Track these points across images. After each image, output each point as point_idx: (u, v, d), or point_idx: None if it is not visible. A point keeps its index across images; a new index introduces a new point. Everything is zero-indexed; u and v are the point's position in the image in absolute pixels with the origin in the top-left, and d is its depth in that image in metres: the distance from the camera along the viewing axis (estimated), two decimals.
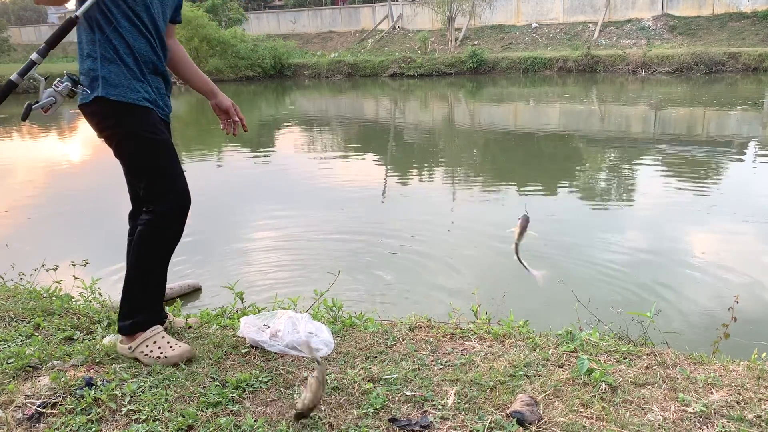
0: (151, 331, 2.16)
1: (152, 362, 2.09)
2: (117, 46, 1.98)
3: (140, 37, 2.03)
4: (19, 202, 6.95)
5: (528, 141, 10.41)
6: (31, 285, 3.24)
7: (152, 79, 2.10)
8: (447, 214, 6.09)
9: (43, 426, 1.76)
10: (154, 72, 2.10)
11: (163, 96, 2.17)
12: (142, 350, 2.12)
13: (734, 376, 1.99)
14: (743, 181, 6.97)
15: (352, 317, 2.54)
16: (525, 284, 4.24)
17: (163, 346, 2.12)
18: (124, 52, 1.99)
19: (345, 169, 8.49)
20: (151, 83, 2.09)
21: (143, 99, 2.04)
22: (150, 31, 2.05)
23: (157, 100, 2.12)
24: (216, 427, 1.72)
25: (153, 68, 2.09)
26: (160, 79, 2.14)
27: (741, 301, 3.17)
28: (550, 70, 21.09)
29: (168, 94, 2.23)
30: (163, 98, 2.17)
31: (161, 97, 2.15)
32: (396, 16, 28.16)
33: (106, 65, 1.98)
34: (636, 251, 4.72)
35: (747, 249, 4.76)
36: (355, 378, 1.98)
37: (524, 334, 2.35)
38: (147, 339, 2.13)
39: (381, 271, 4.45)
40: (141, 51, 2.03)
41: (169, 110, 2.23)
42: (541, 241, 5.00)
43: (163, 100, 2.16)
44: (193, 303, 4.00)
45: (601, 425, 1.70)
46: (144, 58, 2.05)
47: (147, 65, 2.06)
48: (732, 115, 12.06)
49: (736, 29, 21.15)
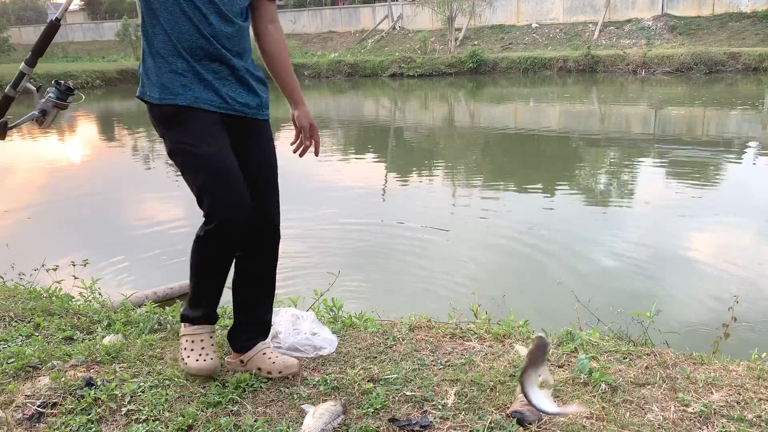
0: (198, 328, 1.99)
1: (180, 362, 1.99)
2: (152, 36, 1.73)
3: (180, 19, 1.70)
4: (19, 202, 6.95)
5: (528, 141, 10.41)
6: (31, 285, 3.24)
7: (203, 67, 1.74)
8: (447, 214, 6.09)
9: (43, 426, 1.76)
10: (206, 58, 1.74)
11: (227, 84, 1.79)
12: (183, 344, 2.00)
13: (734, 376, 1.99)
14: (743, 181, 6.97)
15: (352, 317, 2.54)
16: (525, 284, 4.25)
17: (194, 352, 1.96)
18: (160, 43, 1.72)
19: (345, 169, 8.49)
20: (201, 73, 1.74)
21: (182, 97, 1.74)
22: (197, 6, 1.70)
23: (210, 93, 1.77)
24: (216, 427, 1.72)
25: (203, 54, 1.73)
26: (219, 65, 1.76)
27: (741, 301, 3.17)
28: (550, 70, 21.08)
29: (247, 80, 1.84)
30: (227, 87, 1.79)
31: (223, 85, 1.78)
32: (396, 16, 28.15)
33: (144, 61, 1.78)
34: (636, 251, 4.72)
35: (747, 249, 4.76)
36: (355, 378, 1.98)
37: (524, 334, 2.35)
38: (191, 335, 1.98)
39: (381, 271, 4.46)
40: (181, 36, 1.71)
41: (237, 101, 1.82)
42: (542, 241, 5.01)
43: (226, 90, 1.79)
44: None
45: (601, 425, 1.70)
46: (186, 44, 1.71)
47: (193, 52, 1.73)
48: (732, 115, 12.06)
49: (736, 29, 21.13)
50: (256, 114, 1.90)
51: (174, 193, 7.46)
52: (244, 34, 1.82)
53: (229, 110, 1.81)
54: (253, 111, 1.88)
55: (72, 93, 1.87)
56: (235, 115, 1.83)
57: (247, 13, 1.85)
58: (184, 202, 6.85)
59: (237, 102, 1.82)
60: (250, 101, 1.86)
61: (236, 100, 1.82)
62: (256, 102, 1.88)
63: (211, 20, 1.72)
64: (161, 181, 8.35)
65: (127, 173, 8.98)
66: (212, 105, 1.78)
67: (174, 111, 1.75)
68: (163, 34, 1.72)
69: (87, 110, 17.25)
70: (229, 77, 1.80)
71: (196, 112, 1.75)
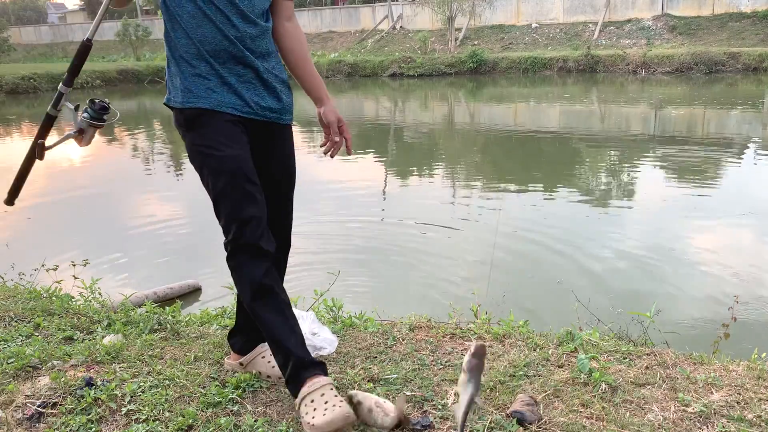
0: (314, 382, 1.72)
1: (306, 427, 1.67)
2: (175, 41, 1.72)
3: (203, 22, 1.69)
4: (19, 202, 6.92)
5: (528, 141, 10.41)
6: (31, 285, 3.24)
7: (227, 70, 1.73)
8: (447, 213, 6.09)
9: (43, 426, 1.76)
10: (231, 61, 1.73)
11: (251, 88, 1.77)
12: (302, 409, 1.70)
13: (734, 376, 1.99)
14: (743, 181, 6.97)
15: (352, 317, 2.55)
16: (525, 284, 4.25)
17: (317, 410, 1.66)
18: (183, 47, 1.71)
19: (345, 169, 8.49)
20: (225, 76, 1.73)
21: (204, 100, 1.72)
22: (219, 9, 1.68)
23: (233, 96, 1.74)
24: (216, 427, 1.72)
25: (228, 56, 1.72)
26: (243, 67, 1.74)
27: (741, 301, 3.18)
28: (550, 70, 21.08)
29: (271, 82, 1.81)
30: (250, 91, 1.77)
31: (247, 89, 1.76)
32: (396, 16, 28.15)
33: (169, 68, 1.78)
34: (636, 251, 4.72)
35: (747, 249, 4.76)
36: (355, 378, 1.98)
37: (524, 334, 2.35)
38: (308, 393, 1.70)
39: (381, 271, 4.46)
40: (204, 39, 1.69)
41: (260, 106, 1.79)
42: (542, 241, 5.01)
43: (249, 94, 1.76)
44: (193, 303, 4.00)
45: (601, 425, 1.70)
46: (209, 47, 1.70)
47: (216, 55, 1.71)
48: (732, 115, 12.06)
49: (736, 29, 21.14)
50: (279, 118, 1.86)
51: (174, 193, 7.47)
52: (267, 35, 1.80)
53: (252, 114, 1.79)
54: (275, 115, 1.85)
55: (107, 111, 1.84)
56: (257, 120, 1.81)
57: (268, 13, 1.83)
58: (184, 202, 6.86)
59: (260, 106, 1.79)
60: (274, 105, 1.83)
61: (259, 104, 1.79)
62: (279, 106, 1.85)
63: (234, 22, 1.70)
64: (161, 181, 8.35)
65: (127, 173, 8.99)
66: (235, 109, 1.75)
67: (196, 114, 1.73)
68: (185, 38, 1.71)
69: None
70: (253, 80, 1.77)
71: (218, 116, 1.73)
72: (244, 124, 1.78)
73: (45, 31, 38.95)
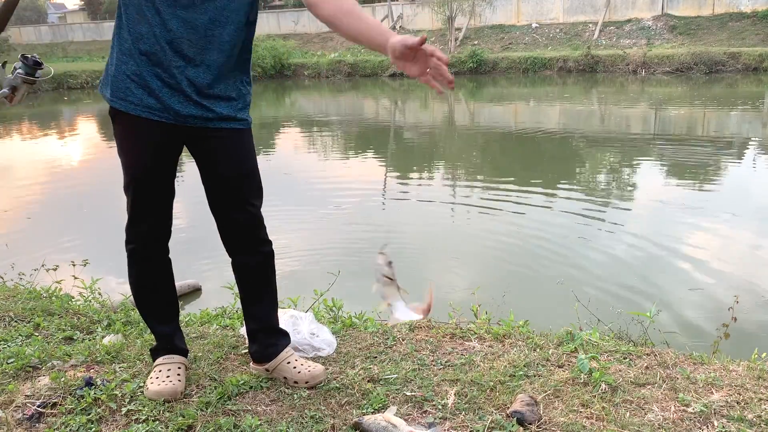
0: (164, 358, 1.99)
1: None
2: (119, 30, 1.69)
3: (142, 19, 1.64)
4: (19, 202, 6.95)
5: (528, 141, 10.41)
6: (31, 285, 3.24)
7: (152, 72, 1.66)
8: (447, 213, 6.09)
9: (43, 426, 1.76)
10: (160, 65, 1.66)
11: (174, 94, 1.68)
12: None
13: (734, 376, 1.99)
14: (743, 180, 6.97)
15: (352, 317, 2.55)
16: (525, 284, 4.25)
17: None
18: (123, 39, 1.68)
19: (345, 169, 8.49)
20: (147, 79, 1.66)
21: (123, 103, 1.69)
22: (157, 9, 1.61)
23: (152, 99, 1.67)
24: (216, 427, 1.72)
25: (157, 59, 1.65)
26: (170, 75, 1.66)
27: (741, 301, 3.18)
28: (550, 70, 21.09)
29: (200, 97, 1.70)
30: (173, 98, 1.68)
31: (169, 95, 1.67)
32: (396, 16, 28.15)
33: (111, 54, 1.73)
34: (636, 251, 4.72)
35: (747, 249, 4.76)
36: (355, 378, 1.98)
37: (524, 334, 2.35)
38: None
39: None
40: (140, 36, 1.65)
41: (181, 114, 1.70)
42: (542, 241, 5.01)
43: (171, 101, 1.68)
44: (194, 303, 4.01)
45: (601, 425, 1.70)
46: (142, 45, 1.64)
47: (148, 55, 1.66)
48: (732, 115, 12.06)
49: (736, 29, 21.14)
50: (213, 124, 1.75)
51: None
52: (216, 45, 1.68)
53: (171, 120, 1.70)
54: (200, 122, 1.74)
55: (41, 67, 1.80)
56: (189, 126, 1.73)
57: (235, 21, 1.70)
58: (183, 202, 6.84)
59: (180, 114, 1.70)
60: (197, 113, 1.71)
61: (179, 112, 1.69)
62: (207, 114, 1.73)
63: (170, 25, 1.62)
64: None
65: None
66: (152, 113, 1.69)
67: (115, 111, 1.73)
68: (126, 31, 1.67)
69: (87, 110, 17.26)
70: (177, 87, 1.67)
71: (133, 118, 1.70)
72: (170, 129, 1.72)
73: (45, 31, 38.95)
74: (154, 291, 1.97)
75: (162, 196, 1.83)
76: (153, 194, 1.81)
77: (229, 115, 1.77)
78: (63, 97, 20.79)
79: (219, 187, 1.86)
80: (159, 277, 1.96)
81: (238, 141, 1.83)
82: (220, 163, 1.82)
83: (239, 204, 1.87)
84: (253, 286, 2.00)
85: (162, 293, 1.99)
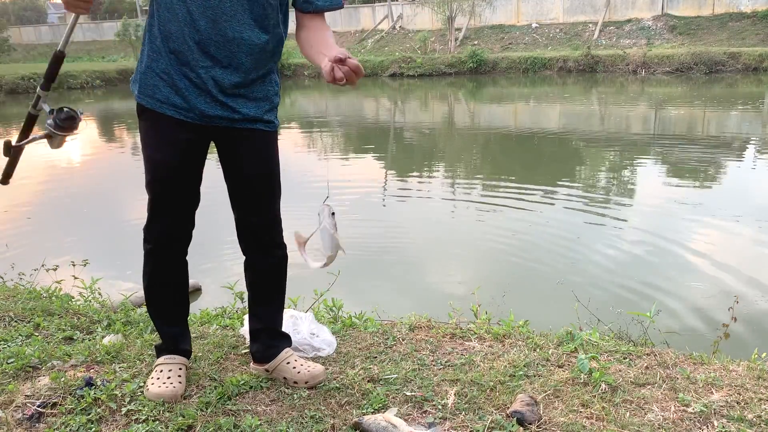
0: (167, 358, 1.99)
1: None
2: (150, 27, 1.71)
3: (173, 17, 1.64)
4: (19, 202, 6.95)
5: (528, 141, 10.41)
6: (31, 285, 3.24)
7: (179, 72, 1.68)
8: (447, 213, 6.09)
9: (43, 426, 1.76)
10: (187, 65, 1.67)
11: (201, 95, 1.69)
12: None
13: (734, 376, 1.99)
14: (743, 180, 6.97)
15: (352, 317, 2.55)
16: (525, 284, 4.25)
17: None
18: (153, 36, 1.70)
19: (345, 169, 8.49)
20: (175, 78, 1.68)
21: (150, 99, 1.71)
22: (188, 9, 1.62)
23: (178, 98, 1.69)
24: (216, 427, 1.72)
25: (185, 59, 1.66)
26: (197, 75, 1.67)
27: (741, 301, 3.18)
28: (550, 70, 21.08)
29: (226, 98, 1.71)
30: (199, 98, 1.69)
31: (196, 95, 1.68)
32: (396, 16, 28.15)
33: (142, 50, 1.76)
34: (636, 251, 4.72)
35: (747, 249, 4.76)
36: (355, 378, 1.98)
37: (524, 334, 2.35)
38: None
39: (381, 271, 4.45)
40: (169, 35, 1.66)
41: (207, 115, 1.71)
42: (542, 240, 5.01)
43: (198, 101, 1.69)
44: (193, 303, 4.00)
45: (601, 425, 1.70)
46: (172, 44, 1.66)
47: (177, 53, 1.67)
48: (732, 115, 12.06)
49: (736, 29, 21.13)
50: (239, 124, 1.76)
51: None
52: (246, 48, 1.68)
53: (196, 120, 1.72)
54: (227, 123, 1.75)
55: (74, 120, 1.79)
56: (216, 126, 1.75)
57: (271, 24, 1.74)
58: None
59: (205, 115, 1.71)
60: (223, 114, 1.73)
61: (205, 113, 1.71)
62: (233, 116, 1.74)
63: (199, 26, 1.63)
64: None
65: (127, 173, 8.98)
66: (177, 112, 1.70)
67: (142, 108, 1.75)
68: (157, 28, 1.68)
69: (87, 110, 17.24)
70: (203, 87, 1.68)
71: (159, 116, 1.72)
72: (195, 129, 1.73)
73: (45, 31, 38.94)
74: (165, 291, 1.96)
75: (182, 196, 1.82)
76: (173, 193, 1.80)
77: (256, 116, 1.77)
78: (63, 98, 20.79)
79: (241, 188, 1.87)
80: (172, 278, 1.95)
81: (262, 143, 1.83)
82: (245, 164, 1.84)
83: (259, 205, 1.89)
84: (264, 287, 2.01)
85: (173, 294, 1.97)
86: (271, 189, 1.90)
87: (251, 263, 1.99)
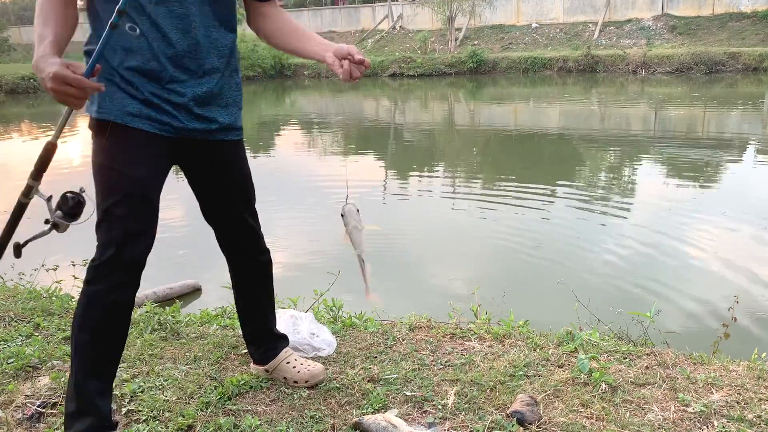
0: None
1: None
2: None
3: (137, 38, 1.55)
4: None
5: (528, 141, 10.41)
6: (31, 285, 3.24)
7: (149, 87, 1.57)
8: (447, 213, 6.09)
9: (43, 426, 1.76)
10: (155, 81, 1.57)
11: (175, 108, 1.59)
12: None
13: (734, 376, 1.99)
14: (743, 180, 6.97)
15: (352, 317, 2.55)
16: (525, 284, 4.25)
17: None
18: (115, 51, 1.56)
19: (345, 169, 8.49)
20: (145, 93, 1.57)
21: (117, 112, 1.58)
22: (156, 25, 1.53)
23: (150, 110, 1.57)
24: (216, 427, 1.72)
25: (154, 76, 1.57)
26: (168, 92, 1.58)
27: (741, 301, 3.17)
28: (550, 70, 21.08)
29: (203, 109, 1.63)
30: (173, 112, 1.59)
31: (170, 107, 1.59)
32: (396, 16, 28.15)
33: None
34: (636, 251, 4.72)
35: (747, 249, 4.76)
36: (355, 378, 1.98)
37: (524, 334, 2.35)
38: None
39: (381, 271, 4.45)
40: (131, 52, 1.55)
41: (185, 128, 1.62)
42: (542, 240, 5.01)
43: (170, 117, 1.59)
44: (193, 303, 4.00)
45: (601, 425, 1.70)
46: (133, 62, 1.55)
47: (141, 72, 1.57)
48: (732, 115, 12.06)
49: (736, 29, 21.13)
50: (212, 136, 1.69)
51: (174, 194, 7.45)
52: (215, 48, 1.63)
53: (171, 133, 1.61)
54: (201, 135, 1.66)
55: (81, 206, 1.73)
56: (189, 138, 1.65)
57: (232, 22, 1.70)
58: (184, 202, 6.85)
59: (183, 128, 1.62)
60: (199, 126, 1.64)
61: (184, 126, 1.61)
62: (210, 127, 1.66)
63: (171, 39, 1.54)
64: None
65: None
66: (151, 125, 1.58)
67: (107, 125, 1.59)
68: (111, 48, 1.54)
69: (86, 110, 17.20)
70: (178, 101, 1.59)
71: (133, 132, 1.57)
72: (163, 140, 1.61)
73: None
74: (117, 334, 1.68)
75: (155, 216, 1.68)
76: (146, 213, 1.64)
77: (230, 123, 1.72)
78: None
79: (219, 201, 1.83)
80: (127, 318, 1.71)
81: (234, 153, 1.80)
82: (221, 177, 1.78)
83: (240, 217, 1.87)
84: (254, 292, 1.99)
85: (123, 338, 1.70)
86: (248, 199, 1.88)
87: (240, 270, 1.96)
